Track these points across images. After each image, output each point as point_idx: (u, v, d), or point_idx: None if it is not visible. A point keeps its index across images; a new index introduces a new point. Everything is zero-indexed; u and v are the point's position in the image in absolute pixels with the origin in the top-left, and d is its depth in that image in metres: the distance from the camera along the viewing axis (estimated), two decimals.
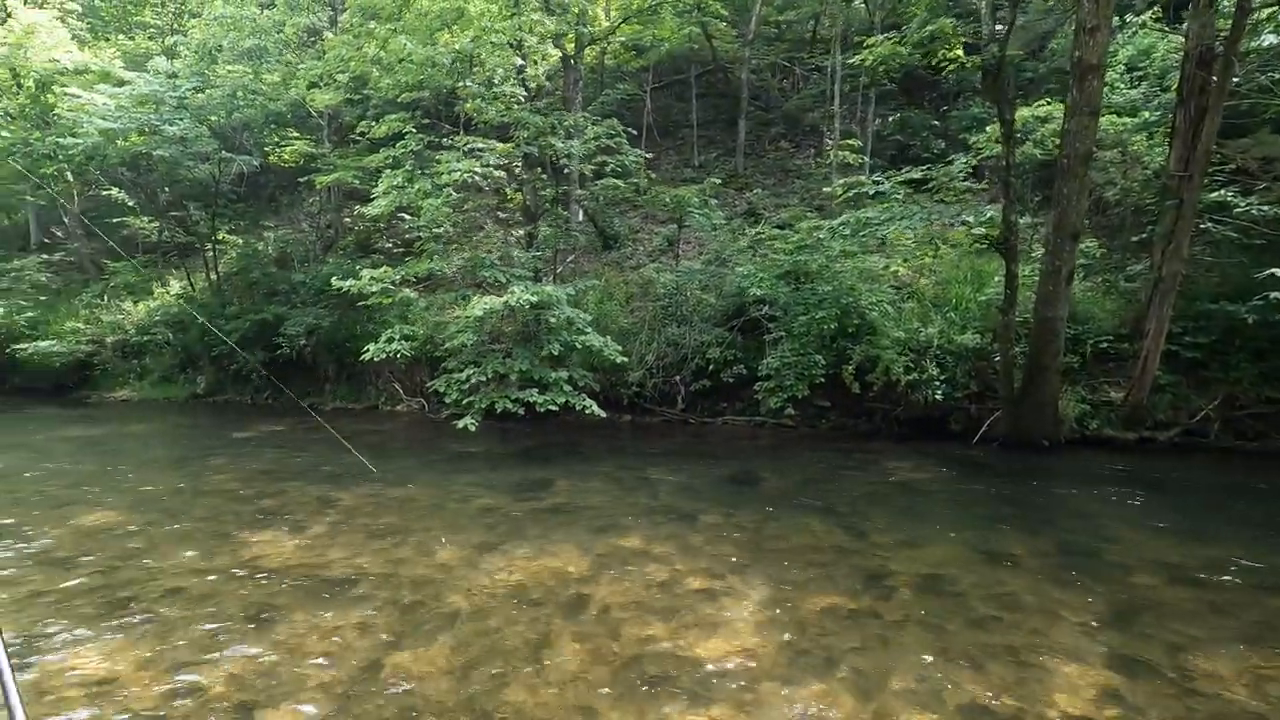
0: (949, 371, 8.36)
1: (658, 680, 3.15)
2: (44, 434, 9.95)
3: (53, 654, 3.35)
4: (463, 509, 5.89)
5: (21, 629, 3.60)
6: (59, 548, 4.85)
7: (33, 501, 6.13)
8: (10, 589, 4.10)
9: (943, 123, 13.19)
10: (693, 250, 12.10)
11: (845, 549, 4.85)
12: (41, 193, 15.99)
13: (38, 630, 3.59)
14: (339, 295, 10.55)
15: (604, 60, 16.48)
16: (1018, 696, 3.00)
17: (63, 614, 3.80)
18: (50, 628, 3.63)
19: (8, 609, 3.82)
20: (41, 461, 7.99)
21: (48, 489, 6.60)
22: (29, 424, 11.04)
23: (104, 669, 3.23)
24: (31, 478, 7.09)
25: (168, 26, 17.35)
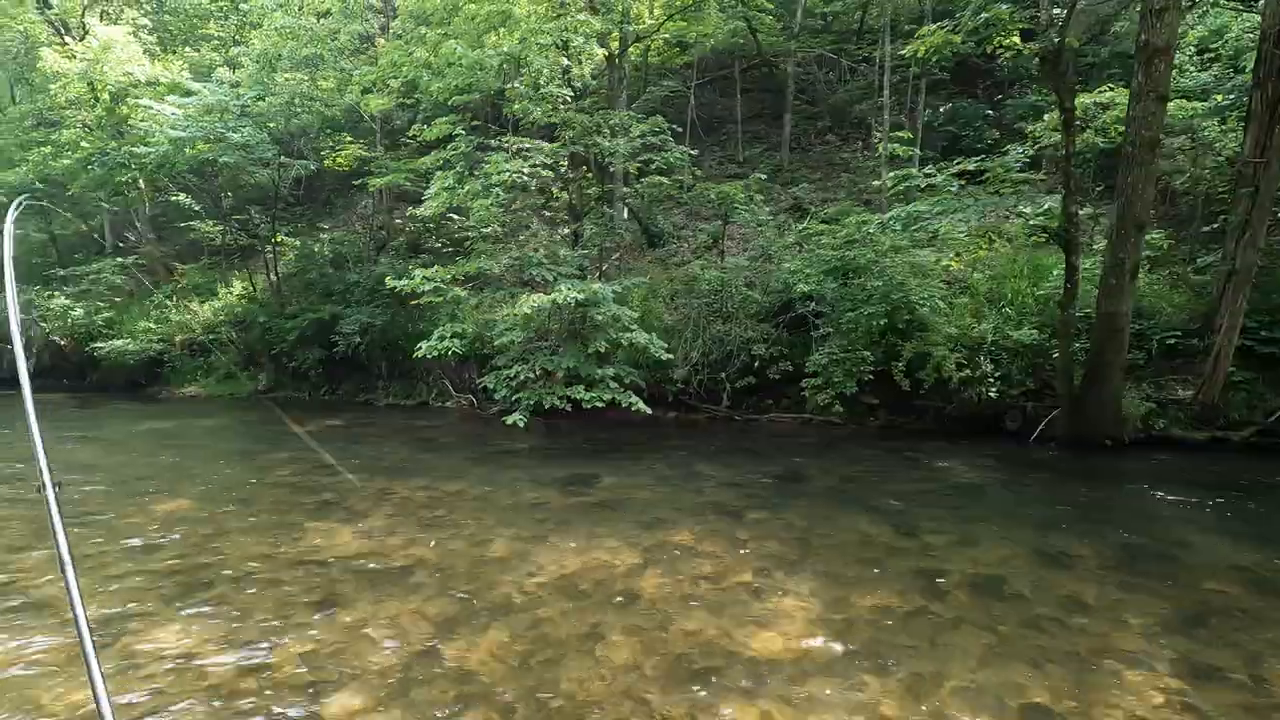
0: (1004, 368, 8.13)
1: (707, 673, 3.17)
2: (121, 427, 10.54)
3: (139, 630, 3.57)
4: (512, 502, 6.01)
5: (112, 607, 3.85)
6: (140, 534, 5.14)
7: (115, 491, 6.52)
8: (101, 571, 4.37)
9: (997, 112, 12.79)
10: (738, 247, 12.04)
11: (896, 548, 4.78)
12: (117, 199, 16.93)
13: (126, 609, 3.83)
14: (391, 294, 10.87)
15: (648, 58, 16.52)
16: (1080, 700, 2.92)
17: (146, 594, 4.04)
18: (136, 606, 3.87)
19: (100, 588, 4.08)
20: (120, 453, 8.47)
21: (127, 479, 7.00)
22: (107, 418, 11.69)
23: (183, 646, 3.42)
24: (112, 468, 7.53)
25: (230, 38, 18.10)
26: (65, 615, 3.74)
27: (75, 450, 8.53)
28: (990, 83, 13.93)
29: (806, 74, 16.30)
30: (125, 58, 14.15)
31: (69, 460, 7.90)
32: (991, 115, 12.79)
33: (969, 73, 13.87)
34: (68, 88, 14.64)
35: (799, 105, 15.44)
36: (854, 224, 9.29)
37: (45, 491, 1.84)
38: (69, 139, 14.95)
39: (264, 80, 13.07)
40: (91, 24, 15.72)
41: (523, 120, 10.82)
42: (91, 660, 1.52)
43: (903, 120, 13.10)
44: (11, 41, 16.58)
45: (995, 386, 7.97)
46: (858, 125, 15.00)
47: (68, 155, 14.87)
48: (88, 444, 9.06)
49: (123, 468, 7.59)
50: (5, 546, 4.88)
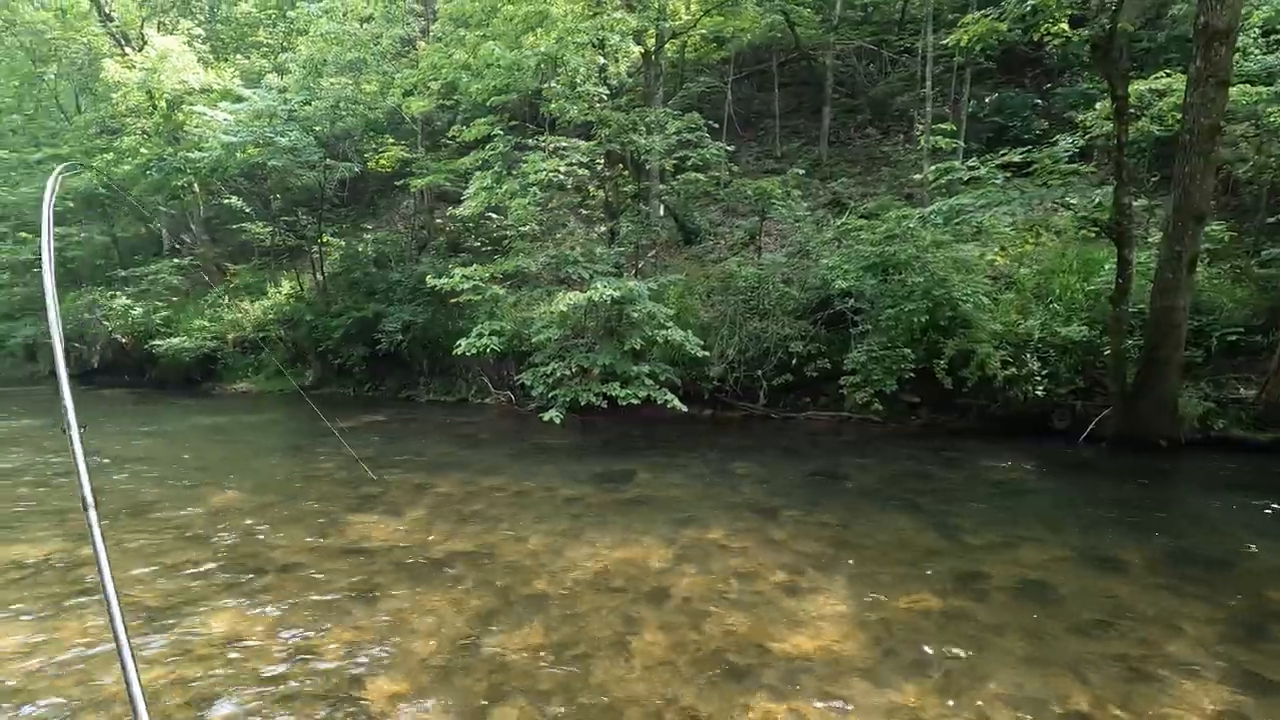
0: (1052, 366, 7.89)
1: (740, 671, 3.17)
2: (177, 422, 10.99)
3: (193, 615, 3.73)
4: (548, 498, 6.08)
5: (169, 592, 4.04)
6: (194, 524, 5.37)
7: (171, 482, 6.81)
8: (158, 558, 4.58)
9: (1046, 101, 12.38)
10: (775, 243, 11.92)
11: (936, 549, 4.69)
12: (173, 202, 17.63)
13: (181, 595, 4.01)
14: (432, 293, 11.08)
15: (684, 54, 16.45)
16: (1128, 709, 2.83)
17: (200, 581, 4.22)
18: (190, 593, 4.04)
19: (158, 575, 4.28)
20: (176, 447, 8.85)
21: (182, 471, 7.31)
22: (164, 412, 12.21)
23: (234, 631, 3.57)
24: (169, 461, 7.87)
25: (279, 44, 18.65)
26: (125, 597, 3.94)
27: (135, 443, 8.93)
28: (1038, 71, 13.48)
29: (846, 66, 16.03)
30: (180, 66, 14.71)
31: (129, 453, 8.28)
32: (1040, 105, 12.38)
33: (1016, 61, 13.45)
34: (128, 96, 15.29)
35: (838, 98, 15.20)
36: (894, 219, 9.11)
37: (88, 513, 1.87)
38: (129, 145, 15.63)
39: (310, 85, 13.45)
40: (150, 35, 16.40)
41: (560, 119, 10.92)
42: (131, 673, 1.58)
43: (946, 112, 12.78)
44: (77, 54, 17.40)
45: (1042, 385, 7.74)
46: (899, 118, 14.69)
47: (128, 161, 15.55)
48: (146, 437, 9.48)
49: (178, 460, 7.92)
50: (68, 535, 5.14)
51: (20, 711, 2.90)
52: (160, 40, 15.31)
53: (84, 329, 16.92)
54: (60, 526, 5.32)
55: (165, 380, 16.11)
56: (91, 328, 16.70)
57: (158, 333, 15.13)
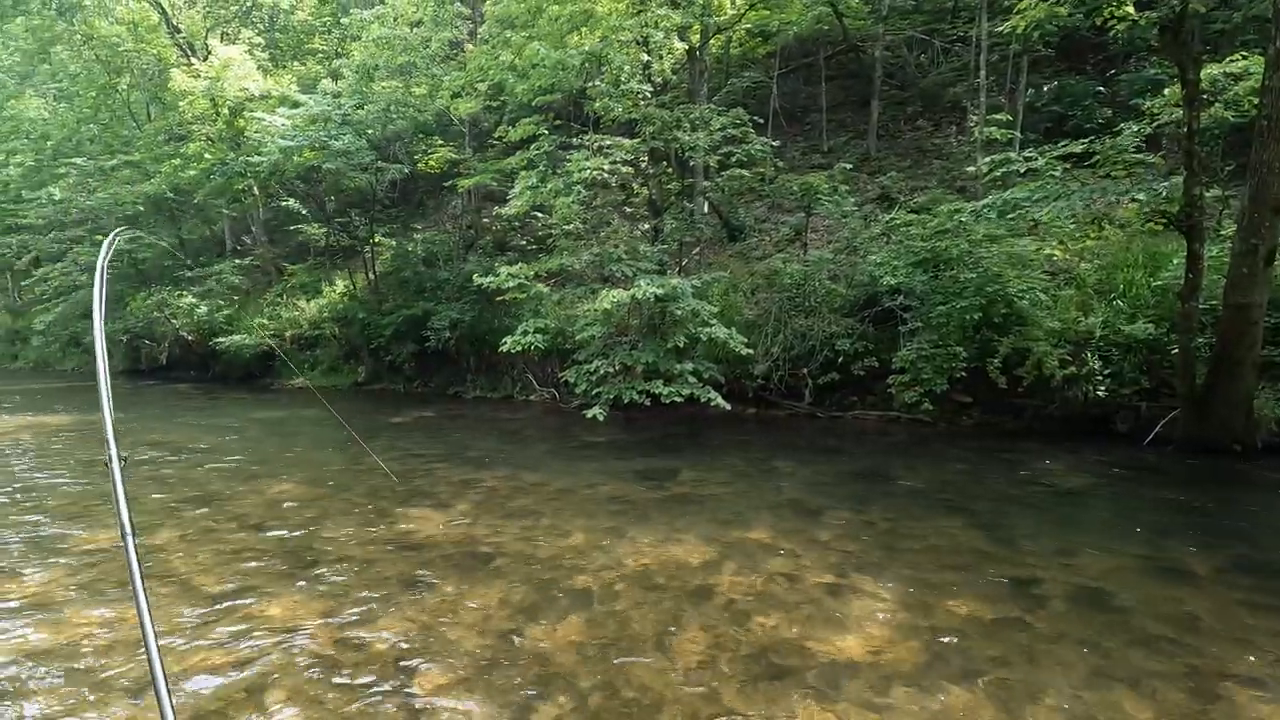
0: (1114, 365, 7.55)
1: (783, 673, 3.13)
2: (238, 416, 11.46)
3: (251, 602, 3.88)
4: (591, 494, 6.12)
5: (229, 579, 4.22)
6: (253, 514, 5.59)
7: (232, 474, 7.11)
8: (220, 546, 4.79)
9: (1109, 88, 11.84)
10: (821, 239, 11.73)
11: (988, 554, 4.54)
12: (235, 205, 18.38)
13: (240, 582, 4.18)
14: (479, 291, 11.27)
15: (729, 50, 16.32)
16: None
17: (258, 569, 4.39)
18: (249, 580, 4.21)
19: (219, 562, 4.47)
20: (236, 439, 9.23)
21: (243, 463, 7.62)
22: (226, 407, 12.75)
23: (290, 618, 3.70)
24: (230, 453, 8.21)
25: (333, 50, 19.25)
26: (188, 582, 4.13)
27: (200, 436, 9.35)
28: (1102, 57, 12.90)
29: (896, 57, 15.64)
30: (241, 74, 15.33)
31: (194, 444, 8.68)
32: (1103, 92, 11.85)
33: (1077, 47, 12.90)
34: (193, 104, 16.01)
35: (887, 90, 14.85)
36: (945, 213, 8.86)
37: (111, 465, 1.97)
38: (194, 151, 16.37)
39: (363, 89, 13.84)
40: (213, 45, 17.13)
41: (604, 118, 10.96)
42: (157, 668, 1.64)
43: (1001, 102, 12.35)
44: (148, 65, 18.30)
45: (1104, 385, 7.42)
46: (951, 109, 14.27)
47: (194, 166, 16.29)
48: (209, 431, 9.91)
49: (238, 452, 8.26)
50: (138, 521, 5.41)
51: (88, 684, 3.06)
52: (223, 50, 15.99)
53: (153, 327, 17.81)
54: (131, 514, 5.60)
55: (227, 376, 16.83)
56: (160, 325, 17.56)
57: (220, 330, 15.81)
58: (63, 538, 5.03)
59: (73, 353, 22.02)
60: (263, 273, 18.58)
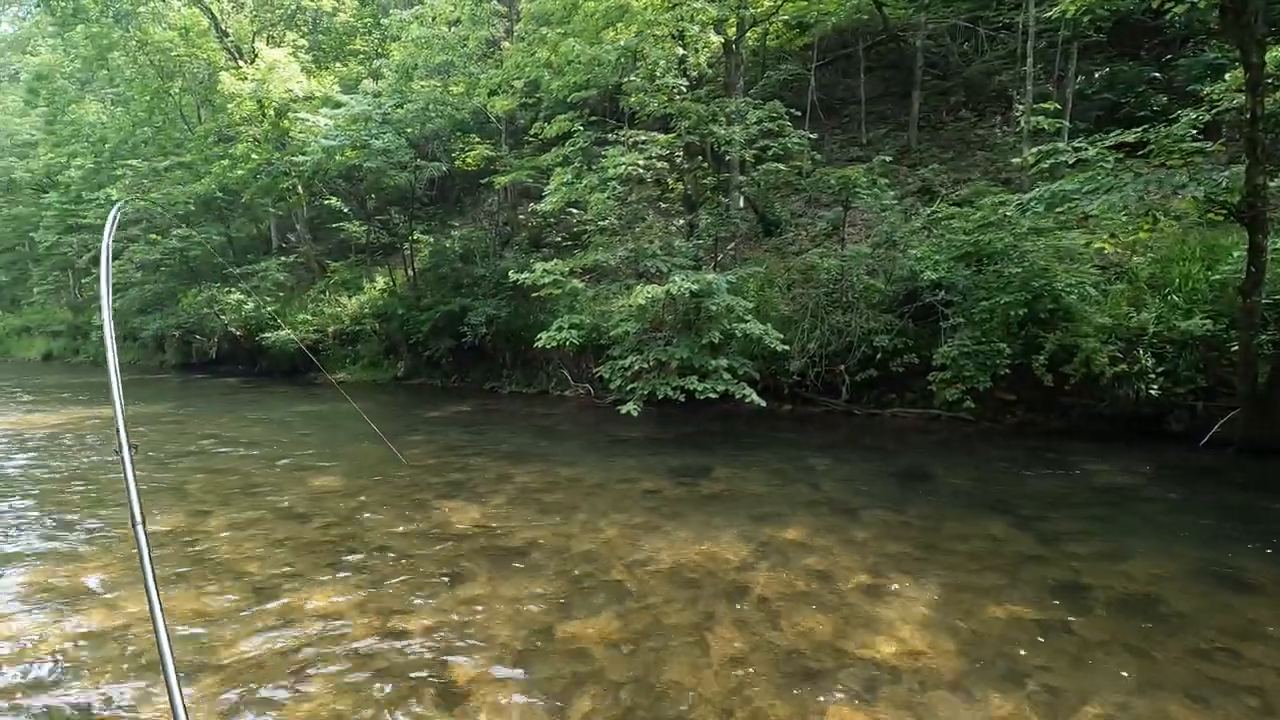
0: (1168, 363, 7.25)
1: (817, 674, 3.08)
2: (283, 409, 11.79)
3: (294, 590, 3.99)
4: (625, 490, 6.13)
5: (275, 567, 4.34)
6: (297, 505, 5.74)
7: (277, 466, 7.32)
8: (266, 535, 4.94)
9: (1165, 74, 11.34)
10: (859, 233, 11.52)
11: (1033, 556, 4.41)
12: (280, 204, 18.89)
13: (284, 570, 4.30)
14: (514, 287, 11.37)
15: (766, 42, 16.12)
16: None
17: (301, 558, 4.51)
18: (293, 569, 4.33)
19: (264, 551, 4.61)
20: (282, 432, 9.49)
21: (288, 455, 7.83)
22: (272, 400, 13.13)
23: (331, 606, 3.79)
24: (275, 445, 8.45)
25: (374, 51, 19.61)
26: (235, 570, 4.26)
27: (247, 428, 9.65)
28: (1157, 41, 12.36)
29: (938, 46, 15.25)
30: (286, 76, 15.72)
31: (241, 436, 8.96)
32: (1158, 78, 11.36)
33: (1130, 32, 12.39)
34: (241, 106, 16.48)
35: (929, 80, 14.48)
36: (990, 206, 8.61)
37: (137, 530, 1.96)
38: (242, 152, 16.85)
39: (402, 89, 14.06)
40: (260, 48, 17.60)
41: (639, 113, 10.93)
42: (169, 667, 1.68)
43: (1049, 90, 11.94)
44: (198, 69, 18.89)
45: (1157, 383, 7.13)
46: (995, 99, 13.86)
47: (241, 166, 16.78)
48: (255, 423, 10.22)
49: (283, 444, 8.50)
50: (188, 510, 5.61)
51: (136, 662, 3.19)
52: (269, 52, 16.41)
53: (203, 322, 18.44)
54: (183, 503, 5.82)
55: (273, 370, 17.32)
56: (210, 321, 18.17)
57: (267, 326, 16.27)
58: (119, 524, 5.24)
59: (129, 347, 22.94)
60: (306, 270, 19.05)
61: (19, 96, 29.91)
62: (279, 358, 16.65)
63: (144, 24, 18.13)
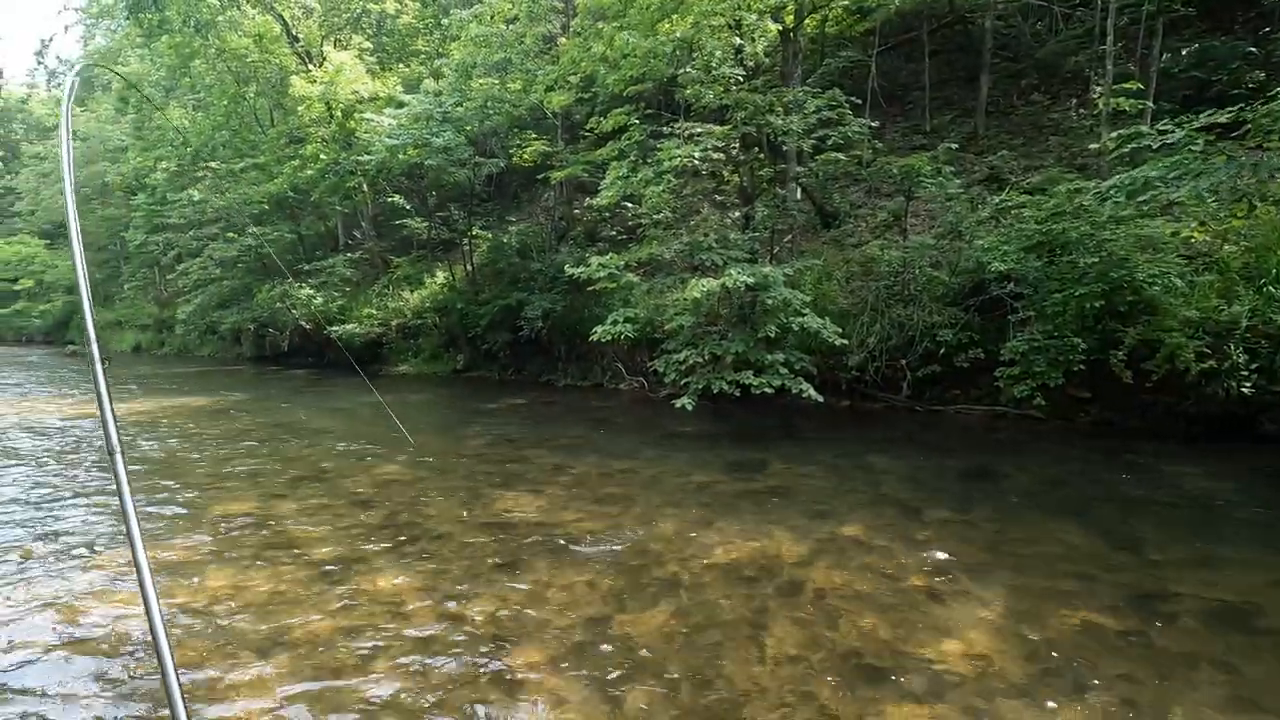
0: (1263, 359, 6.76)
1: (878, 674, 3.02)
2: (350, 400, 12.26)
3: (361, 574, 4.15)
4: (680, 484, 6.13)
5: (341, 552, 4.52)
6: (363, 492, 5.96)
7: (345, 455, 7.62)
8: (333, 522, 5.14)
9: (1263, 49, 10.55)
10: (922, 224, 11.15)
11: (1110, 562, 4.19)
12: (347, 202, 19.59)
13: (351, 554, 4.47)
14: (570, 281, 11.48)
15: (825, 28, 15.74)
16: None
17: (367, 543, 4.68)
18: (359, 553, 4.50)
19: (331, 536, 4.81)
20: (349, 422, 9.87)
21: (354, 445, 8.14)
22: (340, 392, 13.67)
23: (393, 589, 3.92)
24: (340, 434, 8.80)
25: (434, 51, 20.07)
26: (306, 552, 4.46)
27: (317, 418, 10.08)
28: (1254, 14, 11.51)
29: (1008, 27, 14.58)
30: (352, 78, 16.26)
31: (312, 425, 9.36)
32: (1255, 53, 10.57)
33: (1222, 4, 11.58)
34: (310, 108, 17.15)
35: (998, 63, 13.87)
36: (1064, 194, 8.19)
37: (114, 458, 1.97)
38: (311, 152, 17.55)
39: (461, 87, 14.36)
40: (328, 51, 18.26)
41: (695, 105, 10.85)
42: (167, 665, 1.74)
43: (1131, 69, 11.26)
44: (271, 73, 19.75)
45: (1250, 380, 6.66)
46: (1071, 80, 13.16)
47: (311, 166, 17.47)
48: (325, 413, 10.66)
49: (348, 434, 8.84)
50: (262, 494, 5.90)
51: (225, 639, 3.37)
52: (336, 55, 17.01)
53: (276, 316, 19.31)
54: (256, 487, 6.13)
55: (340, 362, 18.00)
56: (282, 315, 19.02)
57: (334, 319, 16.93)
58: (204, 508, 5.55)
59: (209, 340, 24.26)
60: (371, 265, 19.72)
61: (110, 105, 31.97)
62: (346, 350, 17.31)
63: (222, 32, 19.05)
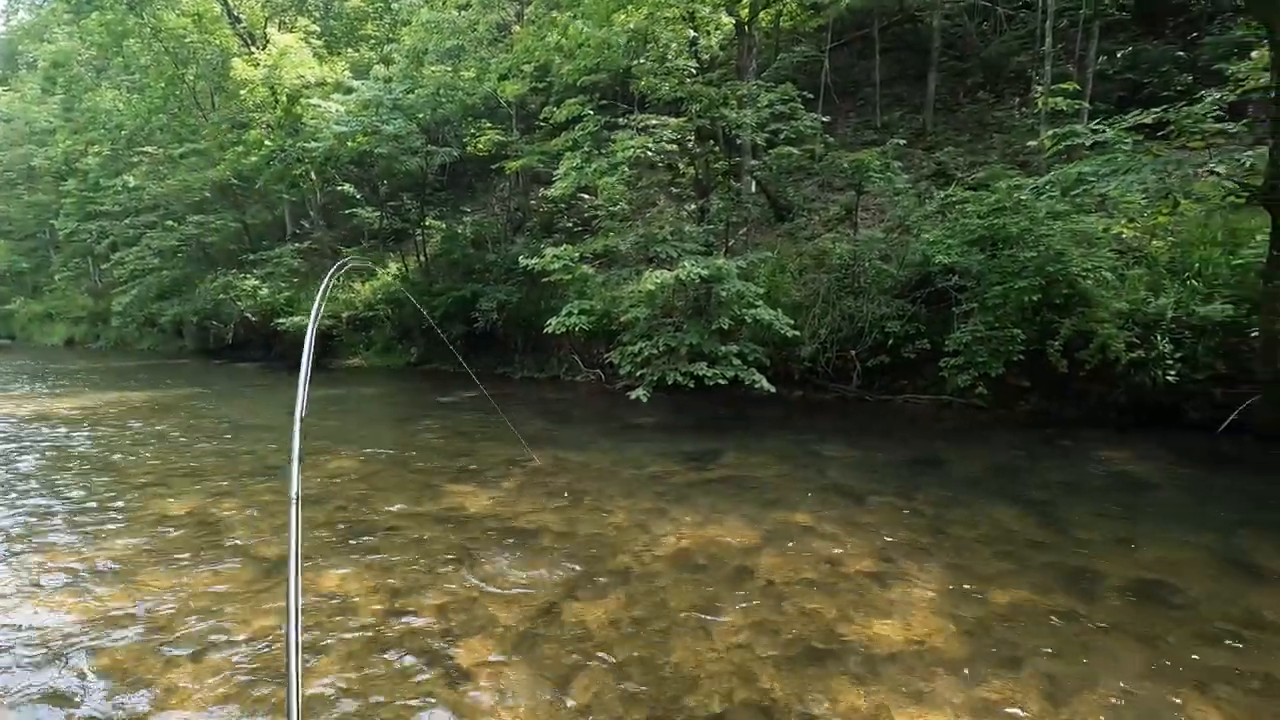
0: (1187, 349, 7.14)
1: (821, 657, 3.10)
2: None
3: (306, 571, 4.05)
4: (634, 475, 6.16)
5: (285, 550, 4.40)
6: (312, 487, 5.81)
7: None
8: (279, 519, 5.01)
9: (1190, 53, 11.07)
10: (872, 218, 11.40)
11: (1041, 543, 4.38)
12: (294, 191, 18.98)
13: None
14: (526, 273, 11.37)
15: (779, 23, 15.89)
16: None
17: (312, 541, 4.57)
18: (305, 550, 4.39)
19: (276, 533, 4.68)
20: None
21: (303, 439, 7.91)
22: (287, 386, 13.27)
23: (340, 589, 3.85)
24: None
25: (384, 36, 19.57)
26: (250, 552, 4.34)
27: (262, 412, 9.78)
28: (1183, 19, 12.07)
29: (955, 26, 14.97)
30: (298, 62, 15.73)
31: (256, 421, 9.08)
32: (1183, 57, 11.09)
33: (1156, 10, 12.11)
34: (253, 93, 16.54)
35: (946, 62, 14.23)
36: (1005, 189, 8.48)
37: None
38: (255, 138, 16.93)
39: (413, 74, 14.04)
40: (271, 34, 17.62)
41: (650, 96, 10.83)
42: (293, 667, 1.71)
43: (1069, 70, 11.68)
44: (212, 55, 18.96)
45: (1174, 369, 7.03)
46: (1014, 79, 13.60)
47: (255, 153, 16.86)
48: (270, 407, 10.35)
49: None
50: (206, 493, 5.70)
51: (162, 643, 3.26)
52: (281, 38, 16.43)
53: (220, 308, 18.64)
54: (199, 486, 5.92)
55: (288, 355, 17.50)
56: (226, 307, 18.36)
57: (281, 311, 16.42)
58: (144, 507, 5.34)
59: (149, 333, 23.27)
60: (320, 256, 19.17)
61: (36, 84, 30.23)
62: (294, 343, 16.82)
63: (157, 10, 18.19)
